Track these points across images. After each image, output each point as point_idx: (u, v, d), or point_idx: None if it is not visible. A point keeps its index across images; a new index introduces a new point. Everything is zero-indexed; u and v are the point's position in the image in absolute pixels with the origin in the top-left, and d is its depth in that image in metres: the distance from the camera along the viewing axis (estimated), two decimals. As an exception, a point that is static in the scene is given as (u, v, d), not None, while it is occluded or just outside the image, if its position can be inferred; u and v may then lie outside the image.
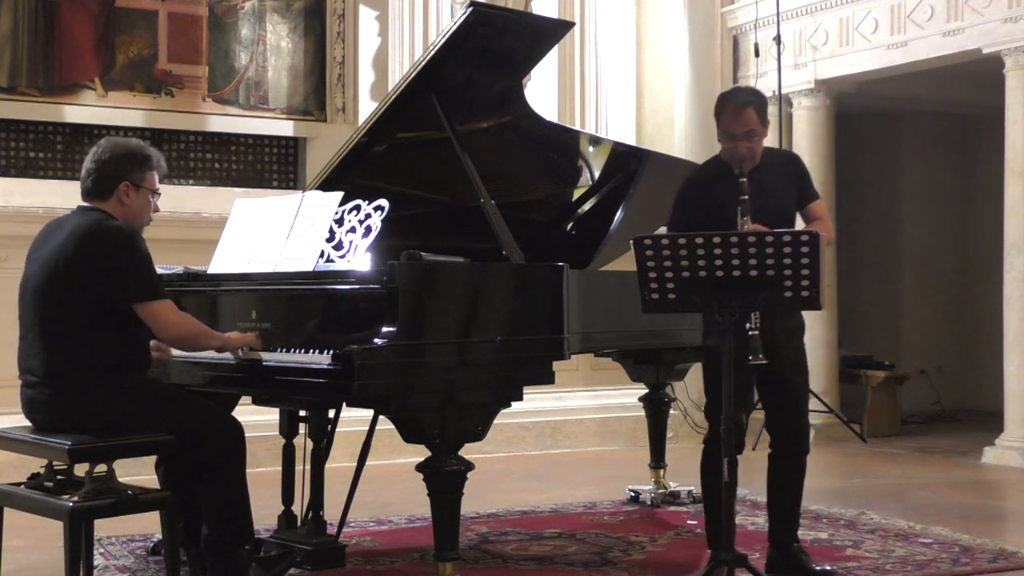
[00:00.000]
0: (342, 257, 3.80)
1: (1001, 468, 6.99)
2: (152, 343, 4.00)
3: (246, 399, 4.28)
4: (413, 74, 4.02)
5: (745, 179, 3.90)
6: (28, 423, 3.70)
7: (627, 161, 4.89)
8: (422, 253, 3.61)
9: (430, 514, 3.67)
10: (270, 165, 7.57)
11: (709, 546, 4.08)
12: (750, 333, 3.70)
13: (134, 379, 3.63)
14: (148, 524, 4.14)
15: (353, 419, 4.48)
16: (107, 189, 3.71)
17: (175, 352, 3.98)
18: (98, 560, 4.28)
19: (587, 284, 4.22)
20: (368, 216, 3.79)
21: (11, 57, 6.81)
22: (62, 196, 3.78)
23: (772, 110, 8.32)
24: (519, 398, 3.78)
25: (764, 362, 3.72)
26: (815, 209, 4.13)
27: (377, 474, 5.78)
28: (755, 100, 4.02)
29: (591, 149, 4.94)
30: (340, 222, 3.85)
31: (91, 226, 3.60)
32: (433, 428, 3.58)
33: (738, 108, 3.97)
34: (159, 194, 3.84)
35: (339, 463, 4.91)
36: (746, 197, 3.86)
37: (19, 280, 3.74)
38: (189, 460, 3.68)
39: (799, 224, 4.18)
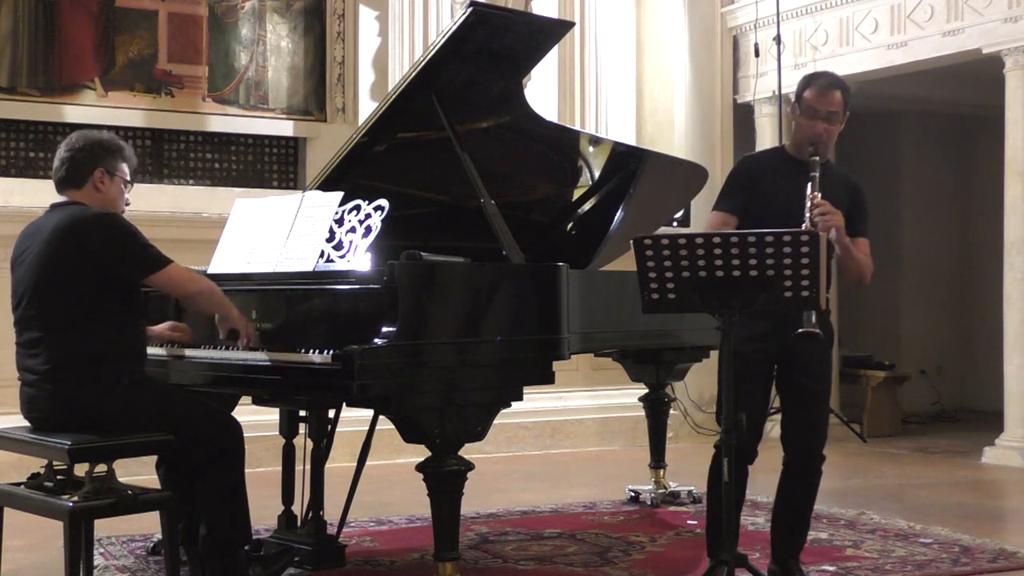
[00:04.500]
0: (342, 257, 3.80)
1: (1001, 468, 6.99)
2: (168, 325, 3.98)
3: (246, 399, 4.28)
4: (413, 74, 4.02)
5: (817, 157, 3.76)
6: (27, 423, 3.69)
7: (627, 161, 4.88)
8: (422, 253, 3.61)
9: (430, 514, 3.66)
10: (270, 165, 7.57)
11: (708, 553, 3.95)
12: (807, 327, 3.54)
13: (133, 373, 3.63)
14: (148, 524, 4.14)
15: (353, 419, 4.48)
16: (82, 176, 3.71)
17: (187, 352, 3.97)
18: (98, 560, 4.28)
19: (587, 284, 4.21)
20: (368, 216, 3.79)
21: (11, 57, 6.81)
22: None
23: (772, 110, 8.35)
24: (519, 398, 3.78)
25: (817, 331, 3.51)
26: (858, 245, 3.86)
27: (377, 474, 5.77)
28: (843, 87, 3.96)
29: (591, 149, 4.93)
30: (340, 222, 3.85)
31: (71, 220, 3.59)
32: (433, 428, 3.58)
33: (826, 87, 3.93)
34: (131, 185, 3.84)
35: (339, 463, 4.91)
36: (816, 173, 3.72)
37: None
38: (189, 460, 3.68)
39: None
